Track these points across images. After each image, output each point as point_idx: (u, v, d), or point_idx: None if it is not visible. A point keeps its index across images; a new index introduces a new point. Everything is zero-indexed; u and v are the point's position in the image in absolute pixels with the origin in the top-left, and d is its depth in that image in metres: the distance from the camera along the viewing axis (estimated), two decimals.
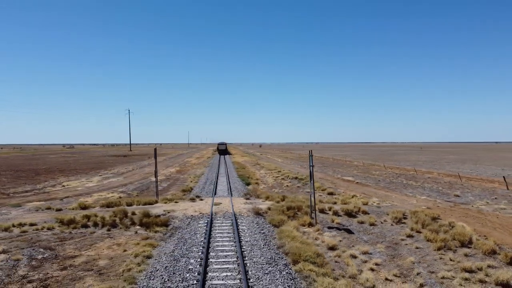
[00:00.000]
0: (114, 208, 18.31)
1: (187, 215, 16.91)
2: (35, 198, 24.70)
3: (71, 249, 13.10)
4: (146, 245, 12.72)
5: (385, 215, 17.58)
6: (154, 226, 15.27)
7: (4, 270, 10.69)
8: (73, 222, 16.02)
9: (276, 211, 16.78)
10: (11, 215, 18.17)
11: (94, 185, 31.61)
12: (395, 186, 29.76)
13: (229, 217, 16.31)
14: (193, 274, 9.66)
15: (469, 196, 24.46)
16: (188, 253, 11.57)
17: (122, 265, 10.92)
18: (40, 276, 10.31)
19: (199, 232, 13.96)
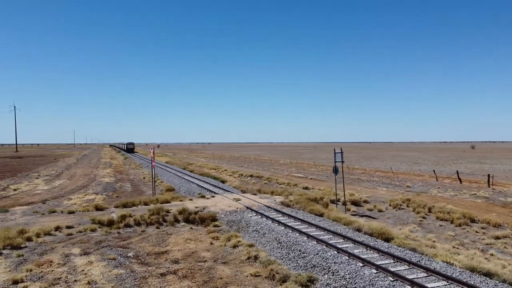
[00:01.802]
0: (147, 206, 18.35)
1: (225, 210, 18.07)
2: (2, 203, 22.38)
3: (148, 246, 13.52)
4: (228, 238, 13.82)
5: (382, 203, 21.35)
6: (206, 221, 16.15)
7: (122, 267, 11.03)
8: (113, 223, 15.89)
9: (302, 202, 19.05)
10: (20, 220, 16.85)
11: (50, 188, 29.21)
12: (350, 181, 34.51)
13: (269, 209, 17.97)
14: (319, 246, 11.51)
15: (418, 187, 30.26)
16: (288, 239, 13.19)
17: (242, 255, 12.11)
18: (162, 271, 10.95)
19: (262, 223, 15.40)
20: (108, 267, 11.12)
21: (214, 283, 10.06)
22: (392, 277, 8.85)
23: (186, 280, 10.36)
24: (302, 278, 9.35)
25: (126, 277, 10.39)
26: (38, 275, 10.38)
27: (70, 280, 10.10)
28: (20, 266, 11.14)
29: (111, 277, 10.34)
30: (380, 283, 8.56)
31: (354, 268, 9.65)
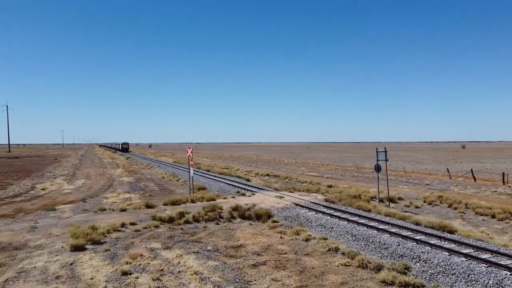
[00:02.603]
0: (194, 204, 18.89)
1: (275, 207, 18.78)
2: (42, 202, 22.70)
3: (221, 241, 14.19)
4: (296, 232, 14.57)
5: (416, 200, 22.36)
6: (262, 218, 16.85)
7: (212, 260, 11.71)
8: (174, 220, 16.46)
9: (346, 199, 19.90)
10: (77, 218, 17.31)
11: (76, 188, 29.49)
12: (369, 179, 35.56)
13: (317, 205, 18.75)
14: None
15: (437, 185, 31.45)
16: (360, 233, 13.96)
17: (320, 248, 12.89)
18: (252, 262, 11.67)
19: (322, 218, 16.18)
20: (200, 259, 11.74)
21: (310, 272, 10.79)
22: (485, 264, 9.72)
23: (281, 270, 11.07)
24: (398, 266, 10.15)
25: (224, 268, 11.04)
26: (139, 267, 10.95)
27: (174, 271, 10.71)
28: (115, 259, 11.68)
29: (210, 268, 10.98)
30: (477, 269, 9.42)
31: (443, 257, 10.50)
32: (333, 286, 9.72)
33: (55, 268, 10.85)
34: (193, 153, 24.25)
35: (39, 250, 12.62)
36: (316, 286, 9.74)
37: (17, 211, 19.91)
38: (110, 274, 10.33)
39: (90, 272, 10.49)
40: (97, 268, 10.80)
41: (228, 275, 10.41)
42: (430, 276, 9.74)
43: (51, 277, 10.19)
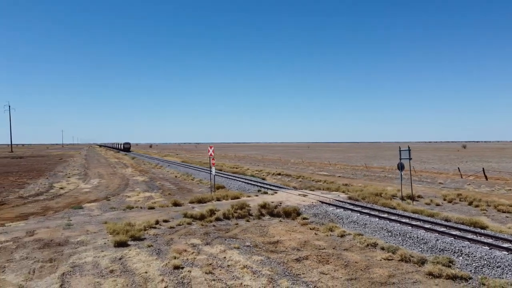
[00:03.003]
0: (220, 202, 19.21)
1: (302, 205, 19.13)
2: (65, 200, 23.01)
3: (256, 237, 14.53)
4: (330, 228, 14.91)
5: (435, 198, 22.72)
6: (291, 215, 17.20)
7: (256, 254, 12.04)
8: (205, 217, 16.78)
9: (370, 197, 20.26)
10: (107, 216, 17.64)
11: (94, 187, 29.80)
12: (380, 179, 35.93)
13: (343, 203, 19.10)
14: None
15: (450, 183, 31.85)
16: (395, 229, 14.35)
17: (357, 243, 13.25)
18: (294, 257, 12.05)
19: (353, 215, 16.55)
20: (244, 254, 12.08)
21: (354, 265, 11.13)
22: None
23: (325, 264, 11.41)
24: (442, 259, 10.51)
25: (270, 263, 11.38)
26: (188, 261, 11.28)
27: (223, 265, 11.04)
28: (161, 254, 12.00)
29: (257, 262, 11.31)
30: None
31: (484, 251, 10.86)
32: (381, 278, 10.05)
33: (106, 263, 11.16)
34: (195, 153, 24.46)
35: (83, 246, 12.92)
36: (365, 278, 10.07)
37: (44, 209, 20.20)
38: (163, 268, 10.65)
39: (141, 267, 10.80)
40: (147, 263, 11.11)
41: (276, 269, 10.74)
42: (475, 269, 10.10)
43: (105, 271, 10.51)
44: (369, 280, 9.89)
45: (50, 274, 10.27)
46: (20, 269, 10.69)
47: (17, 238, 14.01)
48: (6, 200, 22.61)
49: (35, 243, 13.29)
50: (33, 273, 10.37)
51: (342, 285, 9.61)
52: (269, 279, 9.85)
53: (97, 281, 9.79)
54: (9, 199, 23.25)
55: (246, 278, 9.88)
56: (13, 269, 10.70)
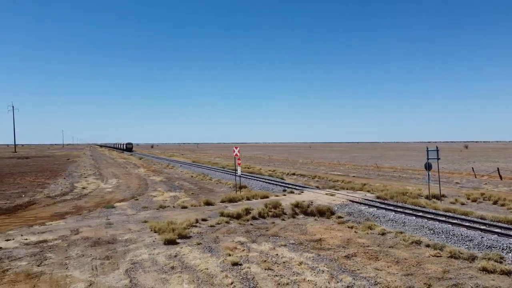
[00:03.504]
0: (250, 201, 19.57)
1: (333, 204, 19.48)
2: (93, 200, 23.35)
3: (297, 235, 14.88)
4: (369, 227, 15.26)
5: (458, 197, 23.09)
6: (325, 214, 17.55)
7: (305, 251, 12.40)
8: (241, 216, 17.12)
9: (398, 196, 20.61)
10: (144, 215, 18.00)
11: (115, 186, 30.13)
12: (395, 178, 36.28)
13: (373, 202, 19.45)
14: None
15: (466, 183, 32.23)
16: (435, 227, 14.68)
17: (400, 241, 13.60)
18: (343, 254, 12.41)
19: (388, 214, 16.91)
20: (294, 251, 12.43)
21: (405, 262, 11.48)
22: None
23: (376, 260, 11.75)
24: (493, 255, 10.87)
25: (322, 259, 11.72)
26: (242, 258, 11.62)
27: (279, 262, 11.39)
28: (214, 252, 12.35)
29: (310, 259, 11.67)
30: None
31: None
32: (436, 274, 10.41)
33: (163, 260, 11.51)
34: (199, 154, 24.77)
35: (133, 244, 13.26)
36: (421, 274, 10.43)
37: (76, 208, 20.52)
38: (222, 265, 10.99)
39: (200, 263, 11.14)
40: (204, 260, 11.45)
41: (331, 265, 11.09)
42: None
43: (166, 267, 10.84)
44: (426, 276, 10.24)
45: (114, 271, 10.59)
46: (81, 266, 11.01)
47: (64, 237, 14.33)
48: (35, 200, 22.92)
49: (84, 241, 13.61)
50: (96, 270, 10.70)
51: (400, 280, 9.95)
52: (330, 274, 10.20)
53: (162, 277, 10.12)
54: (37, 198, 23.56)
55: (307, 274, 10.22)
56: (74, 266, 11.03)
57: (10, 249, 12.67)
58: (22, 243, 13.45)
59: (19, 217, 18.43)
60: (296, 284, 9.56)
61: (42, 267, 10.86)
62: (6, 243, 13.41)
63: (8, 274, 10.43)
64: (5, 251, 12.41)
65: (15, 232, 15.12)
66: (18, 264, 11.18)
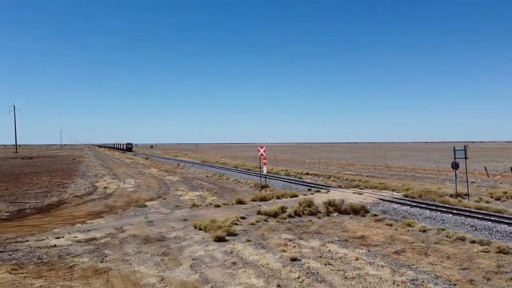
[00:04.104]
0: (280, 200, 19.97)
1: (364, 202, 19.87)
2: (121, 199, 23.66)
3: (339, 232, 15.26)
4: (408, 224, 15.67)
5: (481, 196, 23.57)
6: (360, 212, 17.94)
7: (356, 248, 12.78)
8: (278, 214, 17.50)
9: (426, 195, 21.05)
10: (180, 214, 18.36)
11: (136, 186, 30.42)
12: (410, 178, 36.74)
13: (403, 200, 19.87)
14: None
15: (482, 182, 32.74)
16: (476, 224, 15.11)
17: (443, 238, 14.00)
18: (392, 250, 12.79)
19: (424, 212, 17.32)
20: (345, 248, 12.81)
21: (456, 257, 11.87)
22: None
23: (426, 256, 12.14)
24: None
25: (375, 255, 12.10)
26: (299, 254, 11.99)
27: (335, 257, 11.76)
28: (266, 248, 12.70)
29: (364, 254, 12.04)
30: None
31: None
32: (491, 268, 10.82)
33: (221, 256, 11.86)
34: (200, 154, 25.17)
35: (184, 241, 13.60)
36: (476, 268, 10.83)
37: (108, 207, 20.83)
38: (281, 260, 11.35)
39: (259, 259, 11.50)
40: (261, 255, 11.81)
41: (386, 260, 11.47)
42: None
43: (227, 263, 11.20)
44: (481, 270, 10.65)
45: (178, 266, 10.93)
46: (143, 262, 11.34)
47: (111, 234, 14.65)
48: (64, 199, 23.18)
49: (134, 239, 13.93)
50: (160, 266, 11.03)
51: (459, 274, 10.35)
52: (390, 269, 10.58)
53: (228, 272, 10.48)
54: (65, 198, 23.83)
55: (368, 268, 10.60)
56: (137, 262, 11.36)
57: (64, 247, 12.97)
58: (74, 240, 13.75)
59: (56, 215, 18.71)
60: (362, 277, 9.93)
61: (106, 263, 11.18)
62: (57, 240, 13.70)
63: (76, 270, 10.74)
64: (61, 248, 12.71)
65: (61, 230, 15.41)
66: (81, 260, 11.49)
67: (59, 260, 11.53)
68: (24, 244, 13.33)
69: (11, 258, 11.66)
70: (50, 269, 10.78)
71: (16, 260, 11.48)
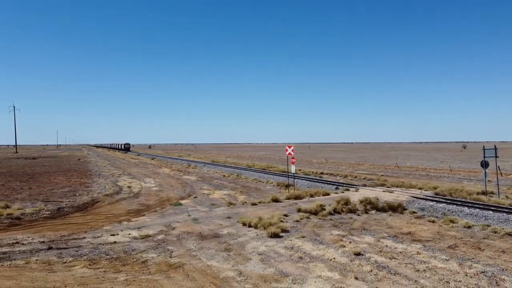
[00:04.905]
0: (313, 198, 20.41)
1: (400, 200, 20.32)
2: (153, 198, 23.99)
3: (385, 229, 15.69)
4: (451, 220, 16.15)
5: (507, 194, 24.14)
6: (398, 209, 18.42)
7: (410, 243, 13.22)
8: (318, 212, 17.92)
9: (456, 193, 21.57)
10: (222, 212, 18.74)
11: (158, 185, 30.73)
12: (425, 177, 37.32)
13: (436, 198, 20.35)
14: None
15: (500, 181, 33.31)
16: None
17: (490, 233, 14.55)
18: (444, 245, 13.22)
19: (463, 210, 17.80)
20: (400, 243, 13.24)
21: (511, 252, 12.37)
22: None
23: (481, 250, 12.58)
24: None
25: (432, 249, 12.54)
26: (359, 249, 12.41)
27: (396, 252, 12.19)
28: (324, 244, 13.10)
29: (421, 249, 12.48)
30: None
31: None
32: None
33: (284, 251, 12.26)
34: (201, 154, 25.56)
35: (239, 238, 13.98)
36: None
37: (144, 206, 21.15)
38: (345, 255, 11.77)
39: (322, 253, 11.91)
40: (323, 251, 12.23)
41: (446, 254, 11.92)
42: None
43: (294, 257, 11.59)
44: None
45: (248, 261, 11.31)
46: (211, 257, 11.71)
47: (164, 231, 15.00)
48: (96, 198, 23.44)
49: (189, 235, 14.30)
50: (230, 260, 11.40)
51: None
52: (456, 262, 11.03)
53: (299, 265, 10.88)
54: (96, 197, 24.07)
55: (435, 262, 11.05)
56: (205, 257, 11.72)
57: (125, 243, 13.29)
58: (130, 237, 14.07)
59: (95, 214, 19.00)
60: (433, 270, 10.37)
61: (177, 258, 11.53)
62: (114, 237, 14.02)
63: (150, 264, 11.09)
64: (122, 245, 13.03)
65: (111, 228, 15.73)
66: (149, 256, 11.83)
67: (128, 255, 11.85)
68: (83, 241, 13.64)
69: (80, 254, 11.97)
70: (124, 264, 11.10)
71: (86, 256, 11.80)
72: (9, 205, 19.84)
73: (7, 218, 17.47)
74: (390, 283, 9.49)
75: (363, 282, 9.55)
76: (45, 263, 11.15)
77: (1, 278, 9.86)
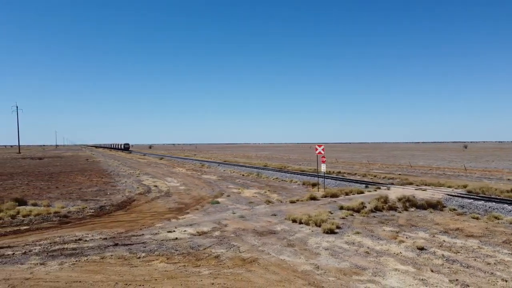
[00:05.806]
0: (348, 196, 20.85)
1: (436, 198, 20.75)
2: (187, 197, 24.33)
3: (432, 225, 16.10)
4: (495, 217, 16.58)
5: None
6: (437, 206, 18.85)
7: (465, 239, 13.63)
8: (359, 210, 18.33)
9: (489, 190, 22.02)
10: (264, 210, 19.10)
11: (182, 184, 31.05)
12: (443, 176, 37.79)
13: (472, 195, 20.77)
14: None
15: None
16: None
17: None
18: (498, 240, 13.63)
19: (504, 206, 18.26)
20: (456, 239, 13.65)
21: None
22: None
23: None
24: None
25: (489, 244, 12.96)
26: (417, 243, 12.80)
27: (456, 246, 12.60)
28: (381, 239, 13.50)
29: (480, 244, 12.90)
30: None
31: None
32: None
33: (347, 246, 12.65)
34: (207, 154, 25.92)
35: (296, 234, 14.36)
36: None
37: (182, 204, 21.49)
38: (408, 249, 12.19)
39: (386, 249, 12.32)
40: (385, 246, 12.63)
41: (506, 248, 12.34)
42: None
43: (360, 252, 11.97)
44: None
45: (317, 255, 11.66)
46: (279, 251, 12.06)
47: (217, 228, 15.36)
48: (132, 197, 23.77)
49: (244, 232, 14.67)
50: (299, 255, 11.76)
51: None
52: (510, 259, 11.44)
53: (371, 259, 11.26)
54: (131, 196, 24.39)
55: (500, 256, 11.47)
56: (273, 252, 12.07)
57: (186, 239, 13.64)
58: (188, 234, 14.42)
59: (138, 212, 19.33)
60: (503, 264, 10.80)
61: (247, 253, 11.89)
62: (173, 234, 14.37)
63: (223, 259, 11.44)
64: (185, 241, 13.37)
65: (164, 225, 16.06)
66: (219, 251, 12.19)
67: (197, 251, 12.20)
68: (144, 237, 13.97)
69: (150, 250, 12.31)
70: (198, 259, 11.45)
71: (157, 252, 12.13)
72: (51, 204, 20.12)
73: (55, 216, 17.77)
74: (467, 275, 9.88)
75: (440, 275, 9.94)
76: (120, 258, 11.46)
77: (88, 272, 10.19)
